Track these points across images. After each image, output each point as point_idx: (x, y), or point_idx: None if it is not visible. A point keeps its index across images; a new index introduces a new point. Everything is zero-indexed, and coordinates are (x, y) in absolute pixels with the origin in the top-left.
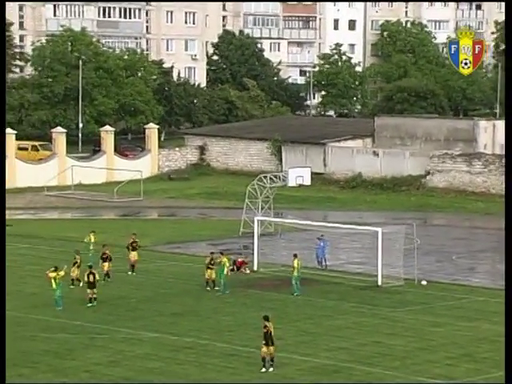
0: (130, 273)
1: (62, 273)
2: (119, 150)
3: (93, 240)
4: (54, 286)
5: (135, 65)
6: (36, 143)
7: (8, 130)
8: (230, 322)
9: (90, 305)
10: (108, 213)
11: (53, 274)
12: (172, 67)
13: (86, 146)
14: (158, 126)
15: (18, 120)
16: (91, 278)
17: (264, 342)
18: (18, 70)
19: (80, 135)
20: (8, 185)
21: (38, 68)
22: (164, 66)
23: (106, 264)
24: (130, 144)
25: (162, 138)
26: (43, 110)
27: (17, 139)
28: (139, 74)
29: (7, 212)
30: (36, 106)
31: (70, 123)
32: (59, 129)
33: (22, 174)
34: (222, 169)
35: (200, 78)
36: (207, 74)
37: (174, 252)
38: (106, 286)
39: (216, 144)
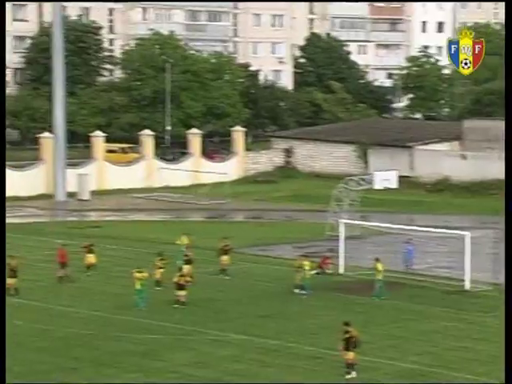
0: (221, 276)
1: (145, 274)
2: (206, 153)
3: (185, 242)
4: (137, 286)
5: (222, 68)
6: (125, 146)
7: (97, 133)
8: (316, 324)
9: (176, 306)
10: (194, 215)
11: (138, 275)
12: (258, 70)
13: (173, 148)
14: (244, 129)
15: (107, 123)
16: (181, 280)
17: (345, 346)
18: (107, 73)
19: (168, 138)
20: (97, 186)
21: (126, 71)
22: (250, 68)
23: (188, 267)
24: (217, 146)
25: (249, 141)
26: (132, 113)
27: (106, 142)
28: (226, 77)
29: (96, 213)
30: (125, 109)
31: (157, 126)
32: (147, 131)
33: (110, 176)
34: (307, 171)
35: (286, 81)
36: (294, 77)
37: (259, 254)
38: (192, 288)
39: (302, 147)
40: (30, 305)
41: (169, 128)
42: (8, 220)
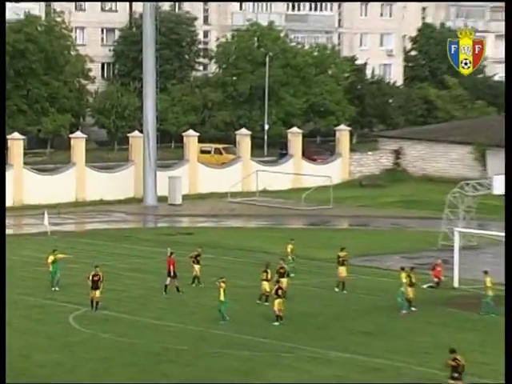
0: (337, 289)
1: (223, 284)
2: (307, 154)
3: (290, 250)
4: (221, 297)
5: (325, 61)
6: (219, 146)
7: (190, 132)
8: (427, 343)
9: (276, 324)
10: (295, 221)
11: (223, 285)
12: (365, 64)
13: (271, 149)
14: (349, 128)
15: (200, 121)
16: (279, 292)
17: (451, 375)
18: (201, 67)
19: (266, 137)
20: (190, 190)
21: (222, 65)
22: (357, 62)
23: (284, 280)
24: (319, 147)
25: (354, 141)
26: (227, 111)
27: (199, 142)
28: (329, 72)
29: (188, 219)
30: (219, 107)
31: (254, 125)
32: (244, 131)
33: (204, 178)
34: (419, 175)
35: (396, 76)
36: (404, 71)
37: (365, 265)
38: (292, 302)
39: (413, 148)
40: (117, 317)
41: (267, 127)
42: (94, 226)
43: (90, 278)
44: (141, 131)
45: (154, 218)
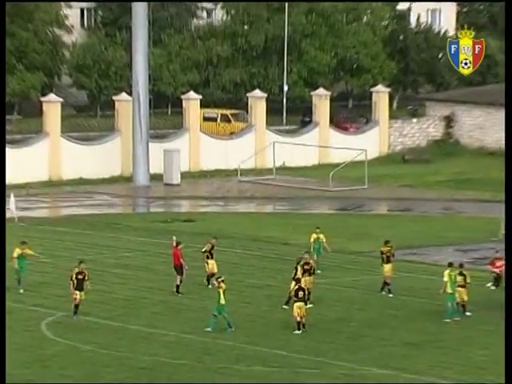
0: (383, 293)
1: (222, 284)
2: (336, 122)
3: (322, 239)
4: (221, 300)
5: (359, 7)
6: (227, 112)
7: (190, 95)
8: (485, 356)
9: (298, 332)
10: (321, 205)
11: (223, 286)
12: (409, 9)
13: (292, 115)
14: (388, 89)
15: (203, 81)
16: (300, 293)
17: None
18: (204, 14)
19: (285, 101)
20: (190, 167)
21: (230, 11)
22: (398, 8)
23: (309, 278)
24: (351, 113)
25: (395, 106)
26: (236, 68)
27: (202, 106)
28: (364, 19)
29: (189, 203)
30: (227, 63)
31: (271, 85)
32: (257, 93)
33: (207, 152)
34: (475, 147)
35: (447, 24)
36: (457, 19)
37: (408, 260)
38: (318, 306)
39: (468, 114)
40: (101, 324)
41: (286, 88)
42: (72, 211)
43: (74, 276)
44: (130, 93)
45: (147, 202)
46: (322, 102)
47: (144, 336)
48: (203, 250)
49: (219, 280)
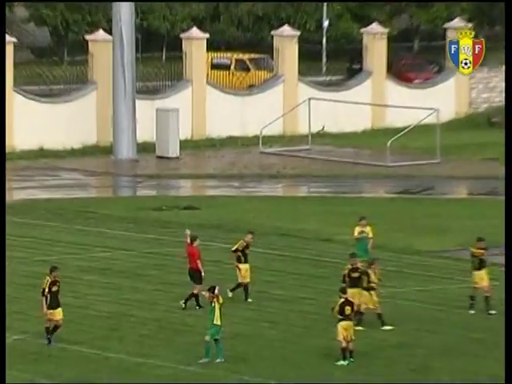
0: (472, 311)
1: (220, 298)
2: (396, 71)
3: (368, 233)
4: (216, 319)
5: None
6: (244, 56)
7: (193, 32)
8: None
9: (342, 363)
10: (373, 186)
11: (220, 299)
12: None
13: (334, 61)
14: (470, 25)
15: (211, 14)
16: (347, 309)
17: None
18: None
19: (324, 42)
20: (193, 133)
21: None
22: None
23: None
24: (417, 59)
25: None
26: None
27: (210, 49)
28: None
29: (191, 183)
30: None
31: (306, 19)
32: (286, 30)
33: (217, 113)
34: None
35: None
36: None
37: (496, 262)
38: (370, 326)
39: None
40: (72, 351)
41: (326, 23)
42: (30, 193)
43: (47, 289)
44: (109, 31)
45: (133, 182)
46: (376, 42)
47: (128, 367)
48: (233, 248)
49: (213, 292)
